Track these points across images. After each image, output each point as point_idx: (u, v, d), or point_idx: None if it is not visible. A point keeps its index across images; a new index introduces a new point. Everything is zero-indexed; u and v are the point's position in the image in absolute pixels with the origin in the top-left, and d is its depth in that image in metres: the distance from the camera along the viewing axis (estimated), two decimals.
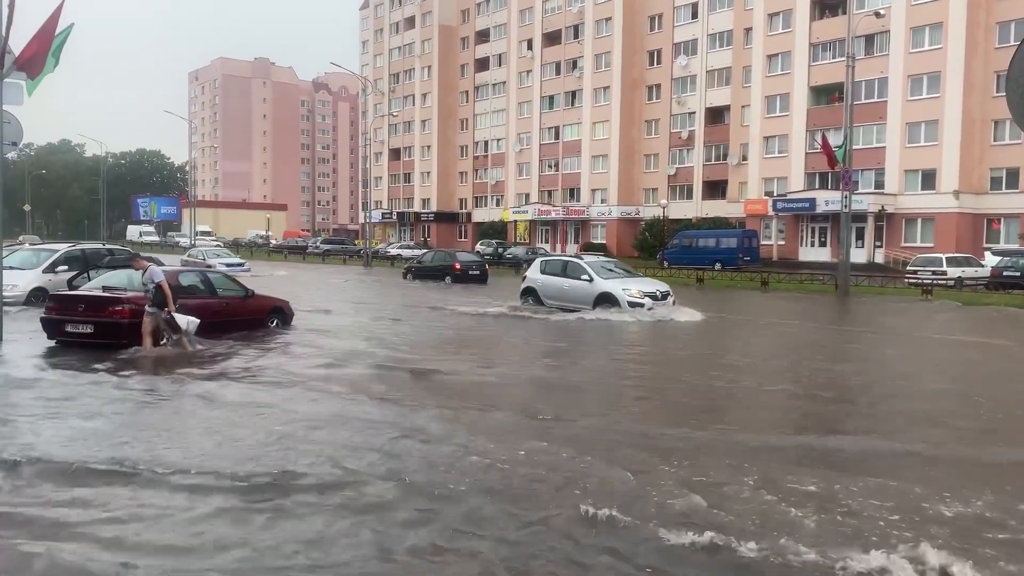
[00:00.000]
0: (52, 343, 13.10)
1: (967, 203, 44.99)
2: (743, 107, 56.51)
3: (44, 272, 20.02)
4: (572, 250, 66.21)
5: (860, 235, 46.90)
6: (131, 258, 15.17)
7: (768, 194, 52.92)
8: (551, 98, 70.94)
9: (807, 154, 50.58)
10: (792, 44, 51.88)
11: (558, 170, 70.56)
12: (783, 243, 51.48)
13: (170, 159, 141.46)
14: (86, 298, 13.27)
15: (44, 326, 13.29)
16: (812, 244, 51.09)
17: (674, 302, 20.11)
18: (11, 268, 20.45)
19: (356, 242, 74.24)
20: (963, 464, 7.04)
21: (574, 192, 69.21)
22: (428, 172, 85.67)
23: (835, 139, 38.53)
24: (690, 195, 62.09)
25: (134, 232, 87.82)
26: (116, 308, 12.82)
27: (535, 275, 21.99)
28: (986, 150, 45.05)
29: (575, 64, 68.64)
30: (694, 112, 61.48)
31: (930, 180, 46.10)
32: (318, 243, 72.29)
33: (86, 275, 17.14)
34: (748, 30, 55.67)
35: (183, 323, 12.55)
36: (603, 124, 66.12)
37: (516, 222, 71.36)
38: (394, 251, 62.97)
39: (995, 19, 44.23)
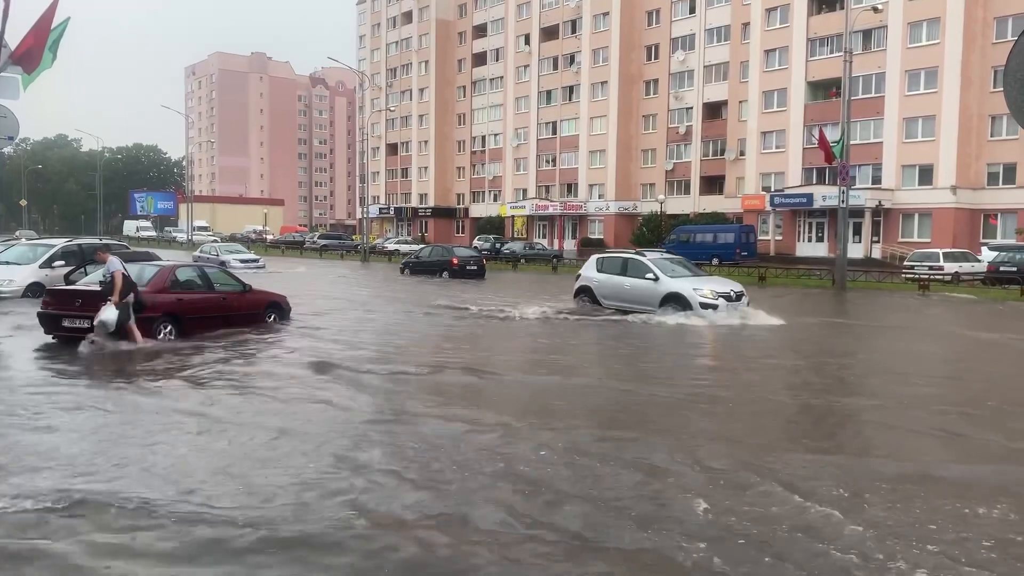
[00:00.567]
0: (49, 338, 13.09)
1: (964, 198, 45.04)
2: (740, 102, 56.49)
3: (41, 267, 19.97)
4: (569, 245, 66.26)
5: (857, 230, 46.92)
6: (96, 251, 14.90)
7: (765, 189, 52.93)
8: (548, 93, 70.86)
9: (804, 149, 50.58)
10: (790, 39, 51.85)
11: (555, 165, 70.52)
12: (780, 238, 51.51)
13: (167, 154, 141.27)
14: (83, 293, 13.24)
15: (41, 321, 13.26)
16: (809, 239, 51.13)
17: (748, 303, 18.52)
18: (8, 263, 20.50)
19: (353, 237, 74.13)
20: None
21: (571, 187, 69.19)
22: (425, 167, 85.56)
23: (832, 134, 38.49)
24: (687, 190, 62.11)
25: (131, 227, 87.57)
26: None
27: (591, 273, 20.29)
28: (983, 145, 45.09)
29: (572, 59, 68.57)
30: (691, 107, 61.47)
31: (927, 175, 46.14)
32: (315, 238, 72.23)
33: (83, 270, 17.15)
34: (746, 25, 55.63)
35: (109, 315, 12.21)
36: (600, 119, 66.07)
37: (513, 217, 71.31)
38: (391, 246, 62.96)
39: (993, 14, 44.23)
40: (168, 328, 13.38)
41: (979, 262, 34.02)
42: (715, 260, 44.28)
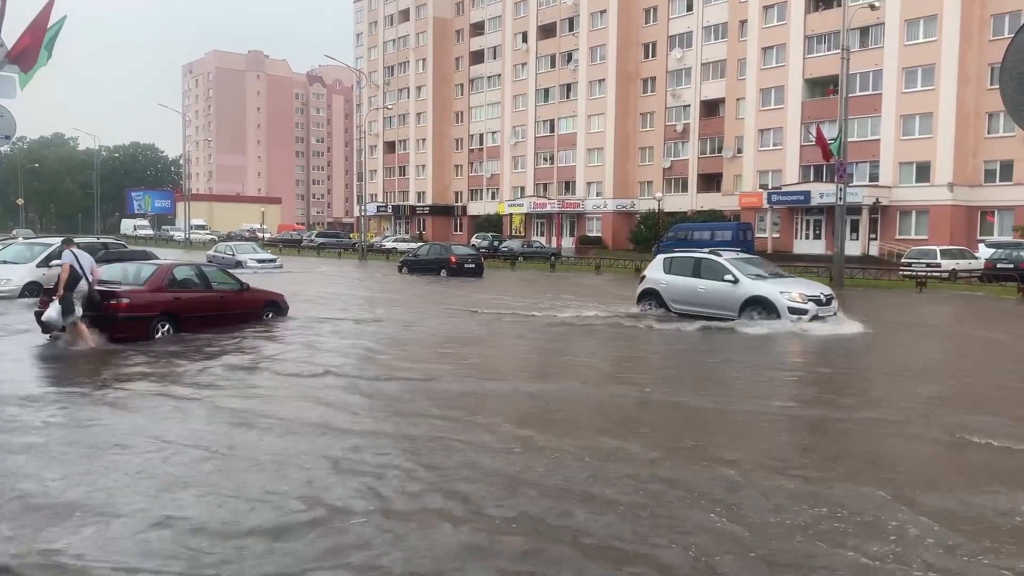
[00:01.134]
0: (46, 337, 13.07)
1: (961, 195, 45.10)
2: (738, 100, 56.51)
3: (38, 266, 19.98)
4: (567, 243, 66.27)
5: (855, 227, 46.98)
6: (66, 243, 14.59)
7: (763, 187, 52.96)
8: (546, 91, 70.84)
9: (802, 147, 50.61)
10: (787, 36, 51.86)
11: (553, 163, 70.52)
12: (778, 236, 51.54)
13: (164, 153, 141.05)
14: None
15: (38, 320, 13.23)
16: (807, 237, 51.17)
17: (837, 308, 16.88)
18: (5, 262, 20.49)
19: (351, 235, 74.10)
20: None
21: (569, 185, 69.20)
22: (423, 165, 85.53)
23: (830, 131, 38.49)
24: (685, 188, 62.14)
25: (128, 226, 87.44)
26: (111, 302, 12.82)
27: (658, 275, 18.53)
28: (980, 142, 45.14)
29: (570, 57, 68.55)
30: (689, 105, 61.48)
31: (924, 172, 46.19)
32: (313, 236, 72.18)
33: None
34: (743, 22, 55.63)
35: (52, 312, 12.29)
36: (598, 117, 66.07)
37: (511, 215, 71.31)
38: (389, 244, 62.95)
39: (989, 11, 44.27)
40: (166, 327, 13.39)
41: (976, 259, 34.05)
42: None
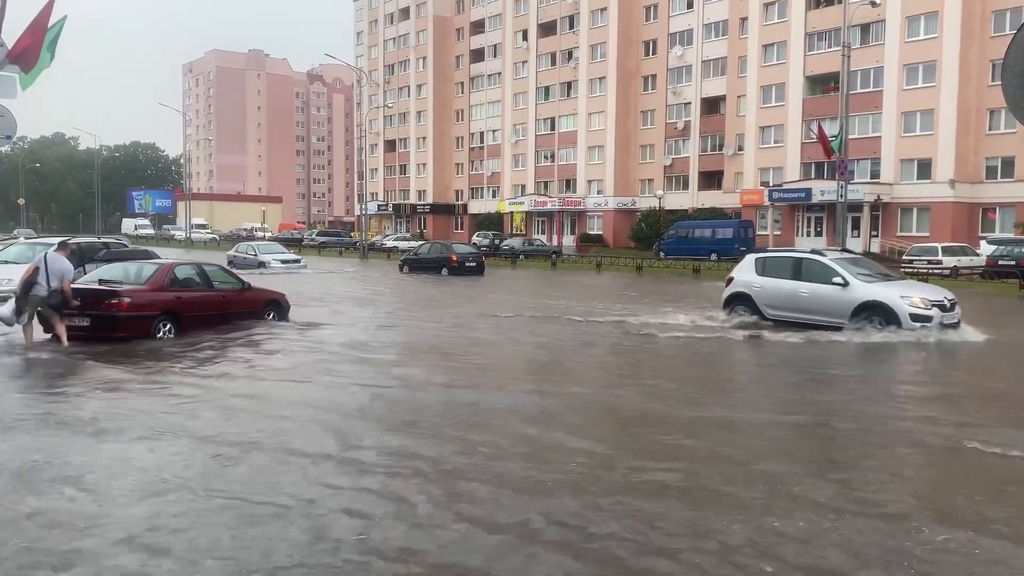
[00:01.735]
0: (48, 336, 13.07)
1: (963, 192, 45.06)
2: (739, 97, 56.45)
3: None
4: (568, 241, 66.24)
5: (856, 225, 46.94)
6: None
7: (764, 184, 52.92)
8: (547, 89, 70.79)
9: (803, 144, 50.58)
10: (788, 33, 51.81)
11: (554, 161, 70.47)
12: (779, 233, 51.50)
13: (165, 152, 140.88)
14: (82, 291, 13.22)
15: (39, 320, 13.24)
16: (808, 234, 51.13)
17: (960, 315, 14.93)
18: (6, 262, 20.44)
19: (352, 234, 74.08)
20: None
21: (570, 183, 69.15)
22: (424, 164, 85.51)
23: (831, 129, 38.48)
24: (686, 186, 62.09)
25: (129, 225, 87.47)
26: (113, 301, 12.83)
27: (749, 276, 16.43)
28: (981, 139, 45.09)
29: (571, 55, 68.49)
30: (690, 102, 61.42)
31: (926, 169, 46.14)
32: (314, 235, 72.16)
33: (82, 268, 17.09)
34: (743, 20, 55.57)
35: (6, 310, 12.52)
36: (599, 115, 66.02)
37: (512, 213, 71.29)
38: (390, 243, 62.94)
39: (991, 8, 44.22)
40: (167, 326, 13.38)
41: (978, 256, 34.05)
42: (714, 256, 44.31)
